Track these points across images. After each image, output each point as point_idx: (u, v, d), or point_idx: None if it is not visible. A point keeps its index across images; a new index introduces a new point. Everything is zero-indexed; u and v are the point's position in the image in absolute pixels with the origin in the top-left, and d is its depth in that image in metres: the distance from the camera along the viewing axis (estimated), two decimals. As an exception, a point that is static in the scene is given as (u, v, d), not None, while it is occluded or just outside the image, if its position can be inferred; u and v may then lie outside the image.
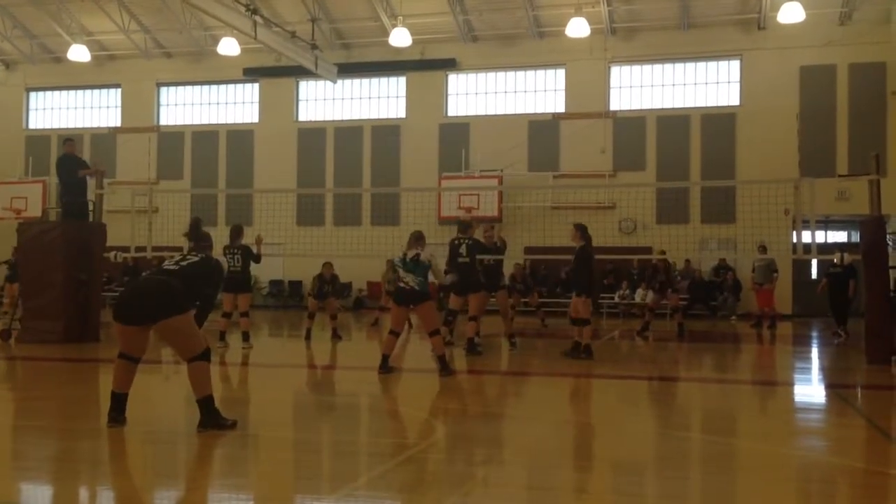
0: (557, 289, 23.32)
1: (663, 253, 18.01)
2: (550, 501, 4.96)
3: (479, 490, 5.13)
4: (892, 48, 22.56)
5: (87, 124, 29.50)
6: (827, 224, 23.20)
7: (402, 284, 9.71)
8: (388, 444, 6.37)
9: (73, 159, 13.85)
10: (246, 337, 12.45)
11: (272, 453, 6.12)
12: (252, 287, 12.93)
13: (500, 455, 6.19)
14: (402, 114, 27.00)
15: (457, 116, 26.48)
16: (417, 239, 9.78)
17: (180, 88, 29.08)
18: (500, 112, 26.13)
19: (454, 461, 5.84)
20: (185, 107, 29.06)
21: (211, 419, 6.33)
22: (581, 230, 11.65)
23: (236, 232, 12.65)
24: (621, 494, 5.11)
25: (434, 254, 10.01)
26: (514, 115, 25.86)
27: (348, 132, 27.09)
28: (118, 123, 29.21)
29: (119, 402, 6.44)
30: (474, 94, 26.61)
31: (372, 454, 6.11)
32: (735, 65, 24.62)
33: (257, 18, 21.51)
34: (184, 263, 6.57)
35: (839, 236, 24.52)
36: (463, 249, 11.94)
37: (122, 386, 6.46)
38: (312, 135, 27.35)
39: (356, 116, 27.39)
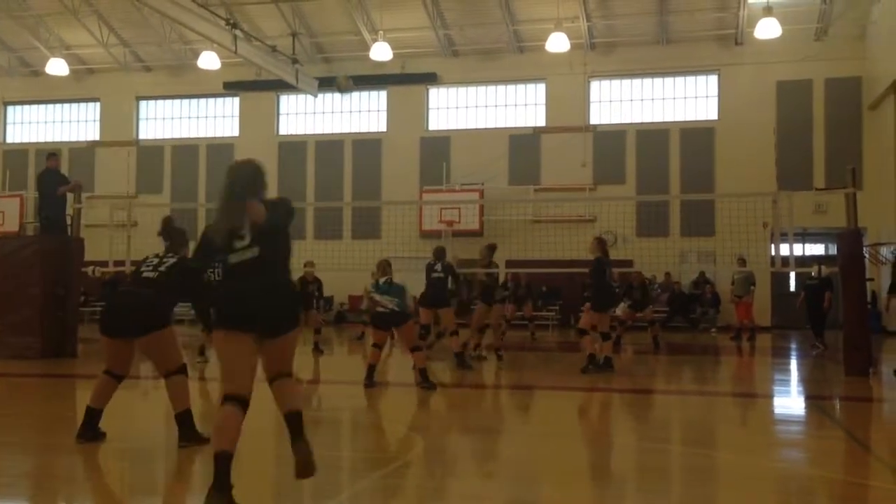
0: (539, 302, 23.36)
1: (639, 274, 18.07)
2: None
3: (460, 504, 5.12)
4: (868, 63, 22.89)
5: (66, 138, 29.30)
6: (804, 237, 23.40)
7: (380, 309, 9.83)
8: (371, 459, 6.34)
9: (54, 174, 13.75)
10: (202, 351, 12.29)
11: (253, 468, 6.07)
12: None
13: (482, 468, 6.18)
14: (382, 128, 27.03)
15: (438, 130, 26.55)
16: (385, 267, 10.10)
17: (160, 102, 28.96)
18: (481, 126, 26.22)
19: (436, 475, 5.82)
20: (164, 121, 28.94)
21: (190, 433, 6.29)
22: (600, 243, 12.24)
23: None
24: (603, 507, 5.11)
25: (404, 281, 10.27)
26: (495, 128, 25.96)
27: (329, 146, 27.08)
28: (97, 137, 29.05)
29: (92, 418, 6.36)
30: (455, 108, 26.69)
31: (354, 468, 6.08)
32: (713, 79, 24.87)
33: (237, 33, 21.50)
34: (162, 269, 6.55)
35: (817, 249, 24.74)
36: (438, 267, 12.30)
37: (99, 402, 6.39)
38: (293, 148, 27.31)
39: (337, 130, 27.39)
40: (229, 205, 4.65)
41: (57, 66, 25.55)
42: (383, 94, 27.03)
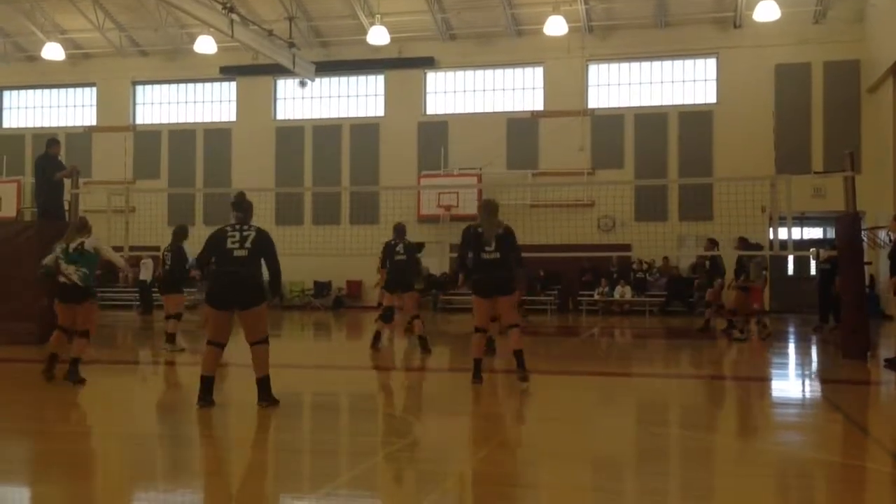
0: (538, 286, 23.41)
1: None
2: (530, 498, 4.96)
3: (458, 487, 5.13)
4: (866, 46, 22.80)
5: (62, 123, 29.16)
6: (803, 221, 23.39)
7: (62, 279, 8.79)
8: (368, 443, 6.34)
9: (52, 160, 13.70)
10: (171, 339, 12.11)
11: (249, 453, 6.09)
12: (182, 289, 12.61)
13: (479, 452, 6.19)
14: (380, 112, 26.94)
15: (435, 115, 26.46)
16: (80, 229, 9.15)
17: (156, 87, 28.84)
18: (479, 110, 26.12)
19: (433, 459, 5.83)
20: (161, 105, 28.82)
21: (268, 395, 7.25)
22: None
23: (179, 233, 12.56)
24: (601, 491, 5.12)
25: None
26: (493, 113, 25.87)
27: (327, 131, 27.00)
28: (93, 122, 28.93)
29: (208, 385, 7.24)
30: (453, 93, 26.59)
31: (352, 453, 6.09)
32: (711, 63, 24.78)
33: (234, 17, 21.38)
34: (248, 245, 7.28)
35: (815, 233, 24.74)
36: (400, 248, 11.93)
37: (211, 370, 7.28)
38: (290, 133, 27.23)
39: (334, 115, 27.30)
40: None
41: (53, 51, 25.40)
42: (381, 78, 26.92)
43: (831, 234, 22.05)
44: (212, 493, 5.08)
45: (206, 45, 24.01)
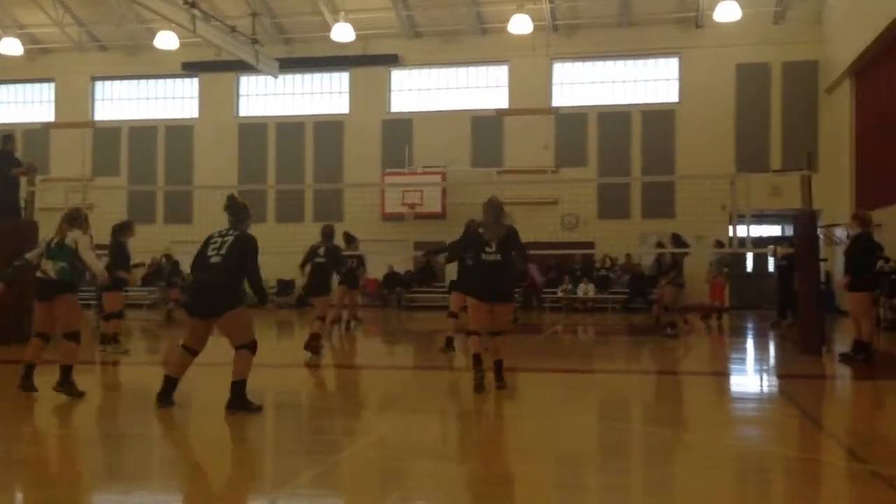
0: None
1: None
2: (493, 494, 4.99)
3: (423, 485, 5.14)
4: (824, 47, 23.20)
5: (20, 119, 28.58)
6: (761, 218, 23.73)
7: (39, 275, 8.11)
8: (330, 441, 6.33)
9: (9, 156, 13.44)
10: (105, 340, 11.71)
11: (213, 453, 6.04)
12: (122, 287, 12.34)
13: (442, 449, 6.21)
14: (344, 109, 26.82)
15: (400, 112, 26.41)
16: (71, 222, 8.42)
17: (116, 83, 28.44)
18: (444, 108, 26.10)
19: (396, 457, 5.83)
20: (121, 101, 28.42)
21: (238, 401, 6.96)
22: (861, 219, 10.88)
23: (118, 228, 12.32)
24: (563, 486, 5.16)
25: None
26: (458, 111, 25.87)
27: (290, 128, 26.83)
28: (52, 118, 28.45)
29: (170, 386, 7.14)
30: (417, 90, 26.56)
31: (313, 451, 6.07)
32: (674, 62, 25.04)
33: (196, 12, 21.14)
34: (223, 251, 7.08)
35: (773, 230, 25.12)
36: (321, 251, 11.59)
37: (176, 371, 7.22)
38: (254, 130, 27.02)
39: (298, 112, 27.13)
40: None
41: (10, 46, 24.95)
42: (345, 75, 26.81)
43: (789, 231, 22.40)
44: (169, 494, 5.03)
45: (167, 40, 23.71)
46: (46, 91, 28.82)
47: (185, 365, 7.28)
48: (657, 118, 24.64)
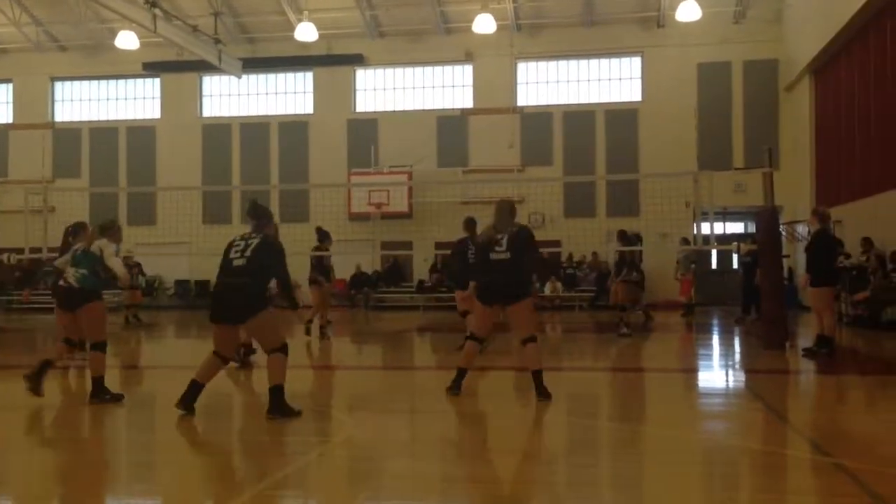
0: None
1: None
2: (461, 492, 4.98)
3: (390, 484, 5.12)
4: (783, 46, 23.55)
5: (-23, 121, 28.10)
6: (725, 215, 24.04)
7: (61, 282, 7.94)
8: (298, 442, 6.28)
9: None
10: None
11: (181, 456, 5.96)
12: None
13: (409, 448, 6.19)
14: (309, 110, 26.68)
15: (365, 112, 26.33)
16: (92, 230, 8.32)
17: (76, 83, 28.01)
18: (409, 108, 26.09)
19: (364, 457, 5.80)
20: (81, 102, 28.00)
21: (279, 407, 6.74)
22: (820, 215, 11.05)
23: (75, 231, 11.81)
24: (530, 483, 5.17)
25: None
26: (423, 110, 25.87)
27: (254, 128, 26.62)
28: (10, 120, 27.94)
29: (195, 391, 6.90)
30: (382, 90, 26.50)
31: (281, 453, 6.02)
32: (637, 61, 25.25)
33: (157, 11, 20.87)
34: (248, 254, 6.89)
35: (737, 227, 25.46)
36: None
37: (203, 378, 6.98)
38: (217, 131, 26.76)
39: (262, 112, 26.93)
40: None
41: (-35, 46, 24.45)
42: (309, 75, 26.66)
43: (752, 228, 22.72)
44: (136, 498, 4.96)
45: (127, 40, 23.40)
46: (4, 92, 28.30)
47: (213, 371, 7.06)
48: (621, 117, 24.83)
